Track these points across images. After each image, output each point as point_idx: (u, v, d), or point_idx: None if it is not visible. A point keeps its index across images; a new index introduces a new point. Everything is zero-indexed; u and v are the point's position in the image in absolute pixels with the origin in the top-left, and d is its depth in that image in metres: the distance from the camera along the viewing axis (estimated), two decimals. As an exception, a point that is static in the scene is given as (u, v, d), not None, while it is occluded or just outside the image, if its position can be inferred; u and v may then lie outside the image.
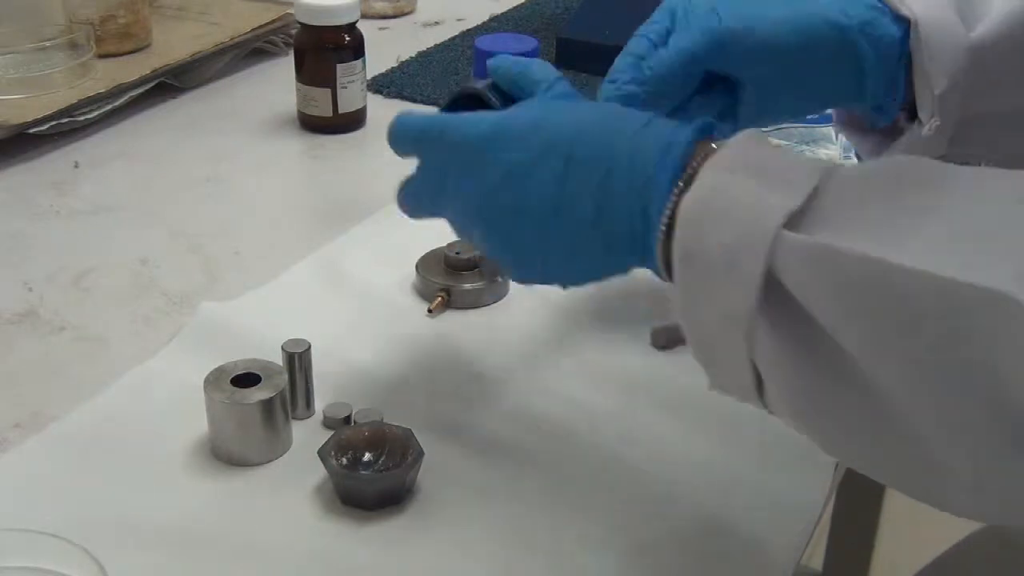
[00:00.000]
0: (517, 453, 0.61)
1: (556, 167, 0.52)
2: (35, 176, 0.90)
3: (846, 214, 0.45)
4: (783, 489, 0.59)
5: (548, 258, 0.54)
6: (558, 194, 0.52)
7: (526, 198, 0.53)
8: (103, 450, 0.60)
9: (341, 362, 0.67)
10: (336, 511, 0.56)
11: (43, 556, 0.51)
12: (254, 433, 0.59)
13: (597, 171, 0.51)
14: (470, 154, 0.55)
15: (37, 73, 0.97)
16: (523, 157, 0.53)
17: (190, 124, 1.00)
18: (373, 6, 1.25)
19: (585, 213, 0.52)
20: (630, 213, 0.50)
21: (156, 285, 0.75)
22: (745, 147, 0.49)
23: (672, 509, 0.58)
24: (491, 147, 0.54)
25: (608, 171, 0.51)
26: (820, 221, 0.45)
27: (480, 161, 0.54)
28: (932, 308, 0.41)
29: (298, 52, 0.97)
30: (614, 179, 0.51)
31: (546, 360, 0.69)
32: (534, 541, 0.55)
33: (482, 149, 0.54)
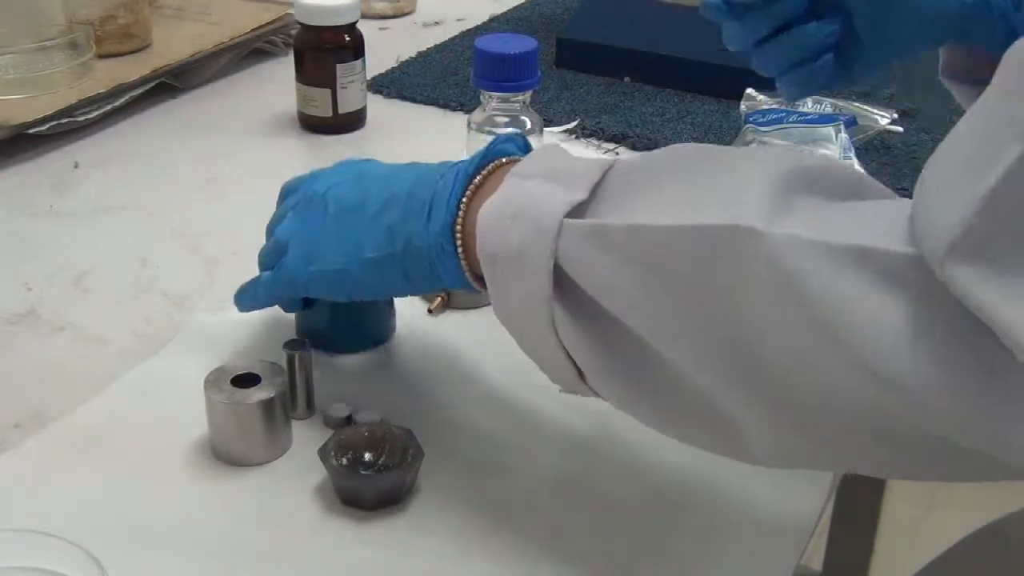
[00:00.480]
0: (517, 453, 0.61)
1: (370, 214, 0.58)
2: (35, 176, 0.90)
3: (621, 196, 0.50)
4: (783, 489, 0.59)
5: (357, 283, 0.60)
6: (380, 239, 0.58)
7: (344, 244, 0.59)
8: (103, 450, 0.60)
9: (341, 362, 0.67)
10: (336, 511, 0.56)
11: (43, 556, 0.51)
12: (254, 433, 0.59)
13: (408, 212, 0.57)
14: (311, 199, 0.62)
15: (37, 73, 0.97)
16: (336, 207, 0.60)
17: (190, 124, 1.00)
18: (373, 6, 1.25)
19: (396, 248, 0.57)
20: (429, 215, 0.56)
21: (156, 285, 0.75)
22: (540, 157, 0.53)
23: (672, 509, 0.58)
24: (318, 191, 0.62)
25: (412, 207, 0.57)
26: (601, 207, 0.50)
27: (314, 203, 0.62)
28: (687, 259, 0.45)
29: (298, 52, 0.97)
30: (417, 188, 0.57)
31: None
32: (533, 541, 0.55)
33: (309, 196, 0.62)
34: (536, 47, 0.78)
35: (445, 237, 0.55)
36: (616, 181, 0.51)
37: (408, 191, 0.57)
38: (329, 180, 0.62)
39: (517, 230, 0.50)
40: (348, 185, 0.61)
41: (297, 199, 0.63)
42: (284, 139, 0.98)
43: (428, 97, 1.04)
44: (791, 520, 0.58)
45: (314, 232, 0.61)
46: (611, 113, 1.01)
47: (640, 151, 0.96)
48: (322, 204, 0.61)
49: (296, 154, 0.96)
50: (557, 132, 0.98)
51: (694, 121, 1.00)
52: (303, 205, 0.62)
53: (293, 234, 0.62)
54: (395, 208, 0.57)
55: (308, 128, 0.98)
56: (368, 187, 0.60)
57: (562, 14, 1.26)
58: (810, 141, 0.88)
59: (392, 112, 1.03)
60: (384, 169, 0.62)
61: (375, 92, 1.05)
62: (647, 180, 0.50)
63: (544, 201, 0.50)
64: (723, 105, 1.02)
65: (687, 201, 0.47)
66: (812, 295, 0.42)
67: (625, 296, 0.48)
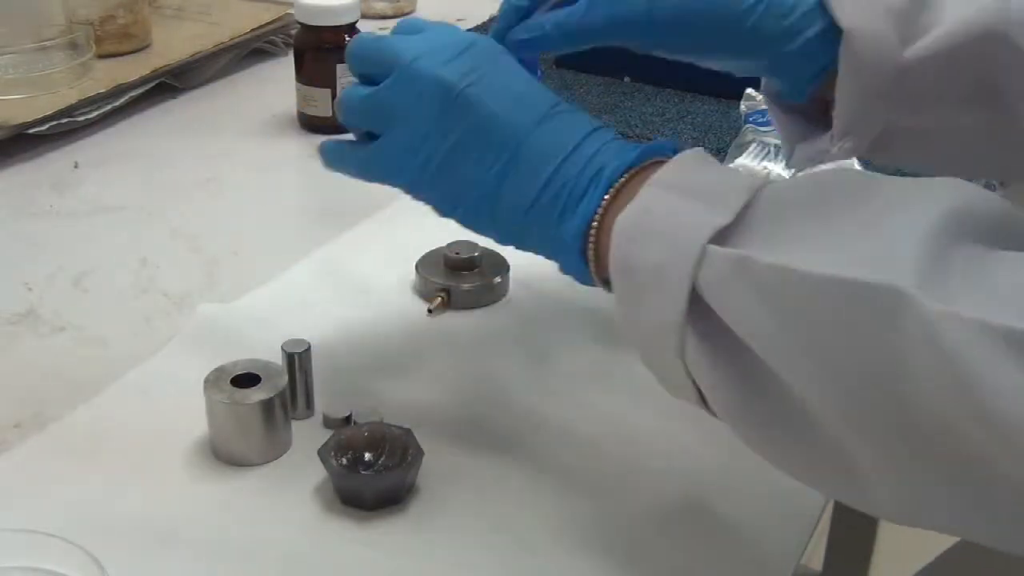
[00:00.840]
0: (517, 453, 0.61)
1: (502, 157, 0.54)
2: (35, 176, 0.90)
3: (769, 227, 0.47)
4: (783, 489, 0.59)
5: (474, 219, 0.57)
6: (499, 179, 0.54)
7: (469, 171, 0.55)
8: (103, 450, 0.60)
9: (341, 362, 0.67)
10: (336, 511, 0.56)
11: (43, 556, 0.51)
12: (254, 433, 0.59)
13: (543, 169, 0.54)
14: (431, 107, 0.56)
15: (37, 73, 0.97)
16: (471, 138, 0.55)
17: (190, 124, 1.00)
18: (373, 6, 1.25)
19: (521, 202, 0.54)
20: (561, 214, 0.53)
21: (156, 285, 0.75)
22: (684, 166, 0.51)
23: (672, 509, 0.58)
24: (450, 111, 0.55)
25: (554, 171, 0.53)
26: (746, 236, 0.47)
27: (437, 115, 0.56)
28: (837, 311, 0.43)
29: (298, 52, 0.97)
30: (555, 180, 0.53)
31: (546, 360, 0.69)
32: (534, 541, 0.55)
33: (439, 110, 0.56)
34: (536, 47, 0.77)
35: (577, 242, 0.53)
36: (764, 207, 0.48)
37: (540, 174, 0.53)
38: (456, 71, 0.55)
39: (656, 247, 0.48)
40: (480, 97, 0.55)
41: (424, 75, 0.56)
42: (284, 139, 0.98)
43: (428, 97, 1.04)
44: (791, 520, 0.58)
45: (427, 142, 0.56)
46: (611, 113, 1.01)
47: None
48: (446, 108, 0.55)
49: (296, 154, 0.96)
50: (557, 132, 0.98)
51: (694, 121, 1.00)
52: (431, 94, 0.55)
53: (404, 122, 0.56)
54: (526, 186, 0.54)
55: (308, 128, 0.98)
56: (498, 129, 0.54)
57: (562, 14, 1.26)
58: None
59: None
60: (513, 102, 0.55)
61: (375, 92, 1.05)
62: (797, 212, 0.47)
63: (687, 221, 0.48)
64: (723, 105, 1.02)
65: (839, 246, 0.45)
66: (967, 374, 0.40)
67: (765, 333, 0.46)
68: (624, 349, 0.69)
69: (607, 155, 0.53)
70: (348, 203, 0.86)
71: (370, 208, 0.84)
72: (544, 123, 0.55)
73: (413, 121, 0.56)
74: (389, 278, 0.76)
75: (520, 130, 0.54)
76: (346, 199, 0.88)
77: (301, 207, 0.89)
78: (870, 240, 0.44)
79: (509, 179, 0.54)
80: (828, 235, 0.46)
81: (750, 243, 0.47)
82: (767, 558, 0.55)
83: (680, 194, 0.49)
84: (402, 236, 0.79)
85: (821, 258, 0.44)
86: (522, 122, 0.55)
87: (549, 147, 0.54)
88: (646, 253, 0.48)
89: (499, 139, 0.55)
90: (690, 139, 0.97)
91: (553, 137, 0.54)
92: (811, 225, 0.46)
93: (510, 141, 0.54)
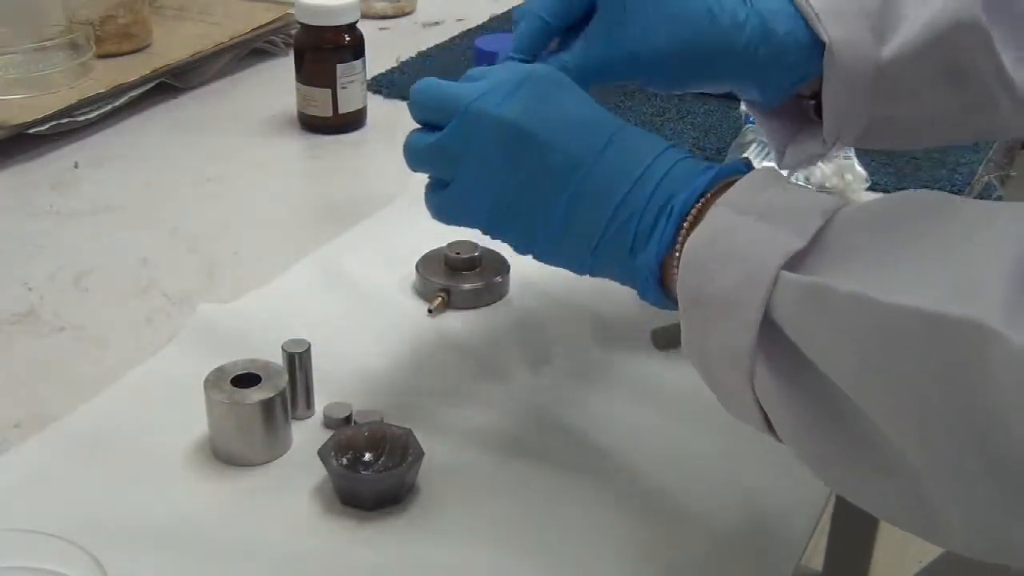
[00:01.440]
0: (517, 453, 0.61)
1: (567, 190, 0.53)
2: (35, 176, 0.90)
3: (846, 253, 0.46)
4: (783, 489, 0.59)
5: (549, 254, 0.56)
6: (566, 214, 0.54)
7: (538, 208, 0.54)
8: (103, 450, 0.60)
9: (341, 362, 0.67)
10: (336, 511, 0.56)
11: (43, 556, 0.51)
12: (254, 433, 0.59)
13: (610, 200, 0.53)
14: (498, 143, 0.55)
15: (37, 73, 0.97)
16: (536, 174, 0.54)
17: (190, 124, 1.00)
18: (373, 6, 1.25)
19: (590, 237, 0.53)
20: (632, 247, 0.52)
21: (156, 285, 0.75)
22: (754, 186, 0.49)
23: (672, 509, 0.58)
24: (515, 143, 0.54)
25: (621, 201, 0.52)
26: (821, 261, 0.46)
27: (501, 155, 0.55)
28: (920, 344, 0.42)
29: (298, 52, 0.97)
30: (622, 211, 0.52)
31: (546, 360, 0.69)
32: (534, 541, 0.55)
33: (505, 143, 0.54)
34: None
35: (651, 275, 0.52)
36: (838, 231, 0.47)
37: (607, 206, 0.53)
38: (514, 108, 0.55)
39: (727, 274, 0.47)
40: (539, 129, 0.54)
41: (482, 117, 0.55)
42: (284, 139, 0.98)
43: (428, 97, 1.04)
44: (791, 520, 0.58)
45: (495, 183, 0.55)
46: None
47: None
48: (504, 145, 0.54)
49: (296, 154, 0.96)
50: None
51: (694, 121, 1.00)
52: (492, 136, 0.55)
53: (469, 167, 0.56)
54: (593, 221, 0.53)
55: (308, 128, 0.98)
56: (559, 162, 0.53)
57: (562, 14, 1.26)
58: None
59: (392, 112, 1.03)
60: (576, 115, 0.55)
61: (375, 92, 1.05)
62: (872, 237, 0.46)
63: (759, 247, 0.46)
64: (723, 105, 1.02)
65: (919, 275, 0.43)
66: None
67: (843, 362, 0.45)
68: (624, 349, 0.69)
69: (677, 182, 0.52)
70: (348, 203, 0.86)
71: (370, 208, 0.84)
72: (607, 150, 0.53)
73: (478, 164, 0.55)
74: (389, 278, 0.76)
75: (583, 160, 0.53)
76: (346, 199, 0.88)
77: (301, 207, 0.89)
78: (950, 270, 0.43)
79: (577, 214, 0.53)
80: (907, 262, 0.44)
81: (825, 269, 0.45)
82: (767, 558, 0.55)
83: (751, 217, 0.48)
84: (402, 236, 0.79)
85: (901, 287, 0.43)
86: (584, 152, 0.53)
87: (614, 176, 0.53)
88: (717, 278, 0.47)
89: (562, 172, 0.53)
90: (690, 139, 0.97)
91: (617, 165, 0.53)
92: (888, 251, 0.45)
93: (573, 173, 0.53)
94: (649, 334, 0.70)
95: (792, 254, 0.46)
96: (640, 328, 0.70)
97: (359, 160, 0.95)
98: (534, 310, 0.73)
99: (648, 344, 0.70)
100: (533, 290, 0.74)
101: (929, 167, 0.93)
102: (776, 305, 0.46)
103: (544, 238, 0.55)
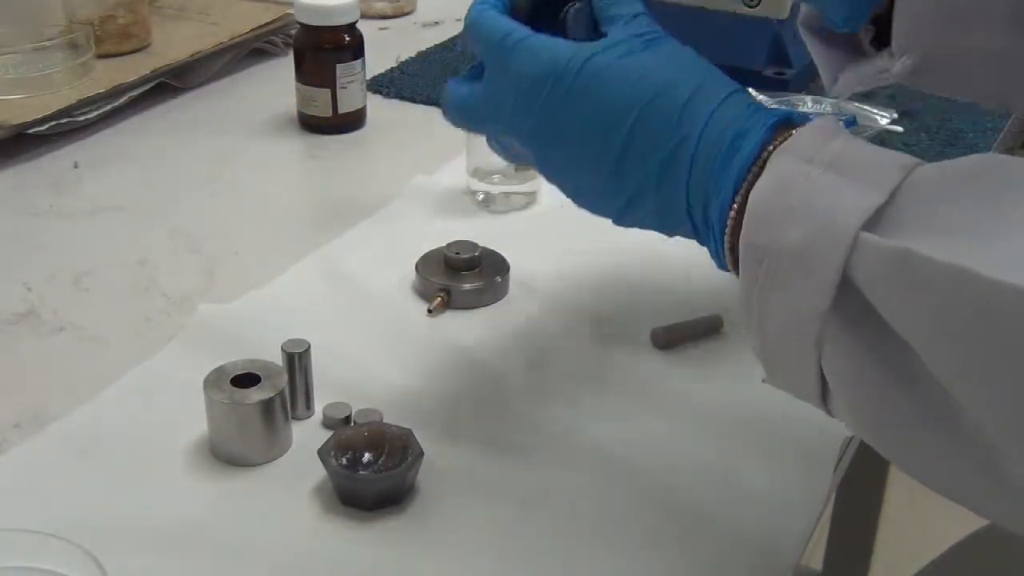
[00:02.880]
0: (517, 453, 0.61)
1: (623, 127, 0.51)
2: (35, 176, 0.90)
3: (926, 216, 0.43)
4: (783, 489, 0.59)
5: (605, 199, 0.53)
6: (622, 154, 0.51)
7: (589, 145, 0.52)
8: (103, 450, 0.60)
9: (341, 362, 0.67)
10: (336, 511, 0.56)
11: (43, 556, 0.51)
12: (254, 433, 0.59)
13: (667, 141, 0.50)
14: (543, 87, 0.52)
15: (37, 73, 0.97)
16: (592, 110, 0.51)
17: (190, 124, 1.00)
18: (373, 6, 1.25)
19: (648, 178, 0.50)
20: (694, 193, 0.49)
21: (156, 285, 0.75)
22: (821, 136, 0.46)
23: (672, 509, 0.58)
24: (561, 85, 0.52)
25: (679, 143, 0.50)
26: (898, 223, 0.43)
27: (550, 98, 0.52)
28: (1016, 322, 0.39)
29: (298, 52, 0.97)
30: (682, 152, 0.49)
31: (546, 360, 0.69)
32: (533, 541, 0.55)
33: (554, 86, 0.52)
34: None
35: (715, 232, 0.49)
36: (919, 191, 0.44)
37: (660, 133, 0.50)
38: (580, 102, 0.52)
39: (798, 227, 0.44)
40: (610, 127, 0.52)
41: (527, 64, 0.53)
42: (284, 139, 0.98)
43: (428, 97, 1.04)
44: (791, 520, 0.57)
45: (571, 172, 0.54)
46: (611, 113, 1.01)
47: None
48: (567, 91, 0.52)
49: (296, 154, 0.96)
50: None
51: (694, 121, 1.00)
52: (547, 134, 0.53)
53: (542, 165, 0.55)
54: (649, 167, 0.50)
55: (308, 128, 0.98)
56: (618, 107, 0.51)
57: (562, 14, 1.26)
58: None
59: (392, 112, 1.03)
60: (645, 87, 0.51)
61: (375, 92, 1.05)
62: (953, 200, 0.43)
63: (834, 200, 0.43)
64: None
65: (1015, 246, 0.41)
66: None
67: (930, 334, 0.42)
68: (624, 349, 0.69)
69: (732, 142, 0.49)
70: (348, 203, 0.86)
71: (370, 208, 0.84)
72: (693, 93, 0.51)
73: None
74: (389, 278, 0.75)
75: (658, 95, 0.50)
76: (346, 199, 0.88)
77: (301, 207, 0.89)
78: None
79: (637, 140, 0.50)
80: (1005, 235, 0.41)
81: (907, 232, 0.42)
82: (767, 558, 0.55)
83: (822, 168, 0.45)
84: (402, 236, 0.79)
85: (1003, 262, 0.40)
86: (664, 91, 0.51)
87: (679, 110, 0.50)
88: (786, 232, 0.44)
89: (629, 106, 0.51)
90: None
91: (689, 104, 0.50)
92: (973, 216, 0.42)
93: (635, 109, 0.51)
94: (649, 334, 0.70)
95: (871, 211, 0.43)
96: (640, 328, 0.70)
97: (359, 160, 0.95)
98: (534, 310, 0.73)
99: (648, 344, 0.70)
100: (533, 290, 0.74)
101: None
102: (856, 267, 0.43)
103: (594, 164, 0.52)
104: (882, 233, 0.43)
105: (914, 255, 0.41)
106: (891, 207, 0.43)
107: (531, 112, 0.53)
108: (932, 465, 0.46)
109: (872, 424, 0.46)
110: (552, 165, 0.55)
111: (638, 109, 0.51)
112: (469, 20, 0.56)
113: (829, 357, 0.45)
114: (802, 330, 0.45)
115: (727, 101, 0.50)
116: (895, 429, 0.46)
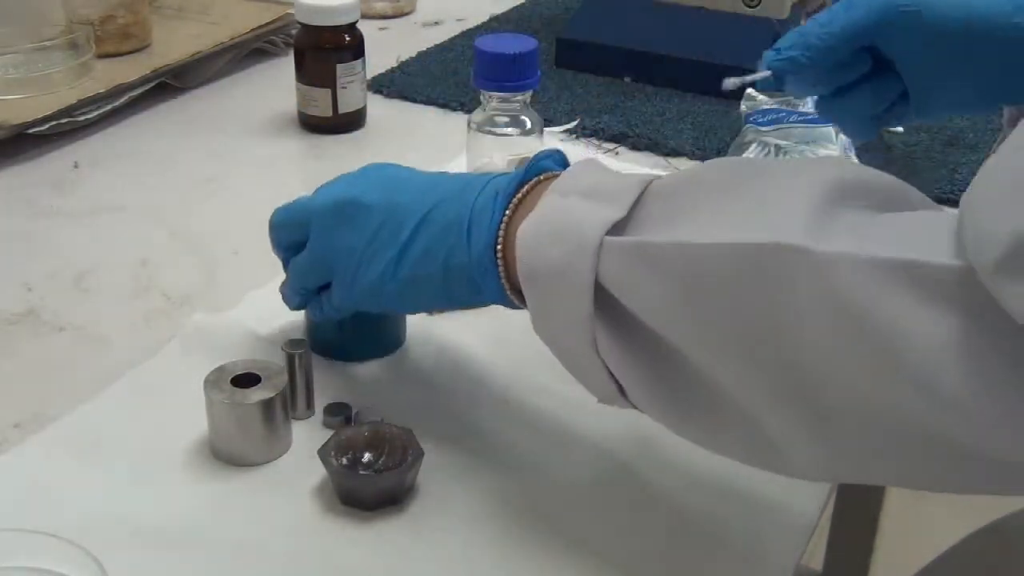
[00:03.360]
0: (517, 453, 0.61)
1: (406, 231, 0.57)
2: (35, 176, 0.90)
3: (658, 215, 0.49)
4: (783, 490, 0.59)
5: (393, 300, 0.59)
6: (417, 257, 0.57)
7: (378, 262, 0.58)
8: (103, 450, 0.60)
9: (341, 362, 0.67)
10: (336, 511, 0.56)
11: (43, 556, 0.51)
12: (254, 433, 0.59)
13: (446, 229, 0.56)
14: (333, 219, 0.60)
15: (37, 73, 0.97)
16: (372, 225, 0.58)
17: (190, 124, 1.00)
18: (373, 6, 1.25)
19: (435, 267, 0.57)
20: (469, 254, 0.55)
21: (156, 285, 0.75)
22: (577, 174, 0.53)
23: (672, 510, 0.58)
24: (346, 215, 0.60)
25: (450, 224, 0.56)
26: (637, 226, 0.49)
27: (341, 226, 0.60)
28: (729, 275, 0.45)
29: (298, 52, 0.97)
30: (455, 232, 0.56)
31: (546, 360, 0.68)
32: (534, 542, 0.55)
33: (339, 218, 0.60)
34: (536, 47, 0.78)
35: (487, 257, 0.54)
36: (655, 198, 0.50)
37: (445, 209, 0.57)
38: (358, 186, 0.61)
39: (557, 248, 0.50)
40: (379, 194, 0.59)
41: (326, 205, 0.61)
42: (284, 139, 0.98)
43: (428, 97, 1.04)
44: (791, 520, 0.58)
45: (352, 248, 0.59)
46: (611, 113, 1.01)
47: (641, 151, 0.96)
48: (354, 215, 0.59)
49: (296, 154, 0.96)
50: (557, 132, 0.98)
51: (694, 121, 1.00)
52: (334, 213, 0.60)
53: (333, 253, 0.60)
54: (432, 227, 0.57)
55: (308, 128, 0.98)
56: (401, 200, 0.58)
57: (562, 14, 1.26)
58: (810, 141, 0.88)
59: (392, 112, 1.03)
60: (415, 180, 0.60)
61: (375, 92, 1.05)
62: (687, 197, 0.49)
63: (584, 218, 0.50)
64: (723, 105, 1.02)
65: (729, 218, 0.46)
66: (861, 311, 0.41)
67: (667, 313, 0.48)
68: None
69: (501, 179, 0.56)
70: (348, 203, 0.86)
71: (370, 208, 0.84)
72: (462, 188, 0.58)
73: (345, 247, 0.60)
74: (389, 278, 0.76)
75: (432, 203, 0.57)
76: (346, 199, 0.88)
77: (301, 207, 0.89)
78: (758, 211, 0.46)
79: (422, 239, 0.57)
80: (719, 211, 0.47)
81: (644, 231, 0.49)
82: (767, 558, 0.55)
83: (577, 197, 0.51)
84: (402, 236, 0.79)
85: (711, 230, 0.46)
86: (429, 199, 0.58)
87: (461, 193, 0.57)
88: (549, 254, 0.50)
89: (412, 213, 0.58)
90: (690, 139, 0.97)
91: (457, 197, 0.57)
92: (699, 205, 0.48)
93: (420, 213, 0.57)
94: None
95: (613, 222, 0.49)
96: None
97: (359, 160, 0.94)
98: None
99: (648, 344, 0.70)
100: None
101: (929, 167, 0.93)
102: (605, 270, 0.49)
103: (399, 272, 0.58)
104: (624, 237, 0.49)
105: (646, 244, 0.48)
106: (632, 218, 0.50)
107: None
108: (723, 442, 0.51)
109: (662, 412, 0.51)
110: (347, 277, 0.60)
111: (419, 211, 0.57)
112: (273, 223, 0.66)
113: (606, 356, 0.50)
114: (579, 337, 0.50)
115: (490, 182, 0.56)
116: (674, 410, 0.50)
